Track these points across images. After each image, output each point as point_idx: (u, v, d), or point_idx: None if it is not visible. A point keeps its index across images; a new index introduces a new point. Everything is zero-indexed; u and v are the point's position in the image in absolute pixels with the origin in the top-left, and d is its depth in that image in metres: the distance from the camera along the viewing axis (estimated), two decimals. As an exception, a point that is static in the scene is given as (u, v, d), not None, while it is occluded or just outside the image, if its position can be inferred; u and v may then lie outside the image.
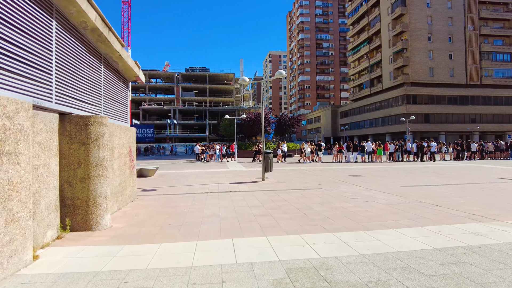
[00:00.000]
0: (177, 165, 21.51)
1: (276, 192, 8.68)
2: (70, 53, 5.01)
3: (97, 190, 5.01)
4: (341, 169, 16.34)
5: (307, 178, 12.26)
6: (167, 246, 4.11)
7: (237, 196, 8.18)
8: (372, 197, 7.76)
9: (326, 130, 77.09)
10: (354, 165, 19.67)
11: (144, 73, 57.72)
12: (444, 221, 5.18)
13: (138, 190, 9.37)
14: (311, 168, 17.07)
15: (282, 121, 42.26)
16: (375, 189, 9.13)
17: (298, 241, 4.21)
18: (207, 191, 9.15)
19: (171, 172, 16.11)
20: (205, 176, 13.41)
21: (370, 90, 62.22)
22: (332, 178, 12.14)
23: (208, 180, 12.06)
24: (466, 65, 51.87)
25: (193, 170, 17.08)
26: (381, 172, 14.82)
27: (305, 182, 10.94)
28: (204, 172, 15.47)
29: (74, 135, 4.91)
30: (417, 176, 12.80)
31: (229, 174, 14.48)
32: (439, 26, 51.02)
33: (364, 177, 12.49)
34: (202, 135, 65.88)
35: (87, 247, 4.12)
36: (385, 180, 11.47)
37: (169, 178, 12.89)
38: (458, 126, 50.93)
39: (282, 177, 12.65)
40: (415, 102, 49.82)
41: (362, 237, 4.35)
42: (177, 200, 7.74)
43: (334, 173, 14.41)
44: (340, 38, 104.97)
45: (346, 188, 9.40)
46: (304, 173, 14.53)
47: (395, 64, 53.23)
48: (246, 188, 9.57)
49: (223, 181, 11.51)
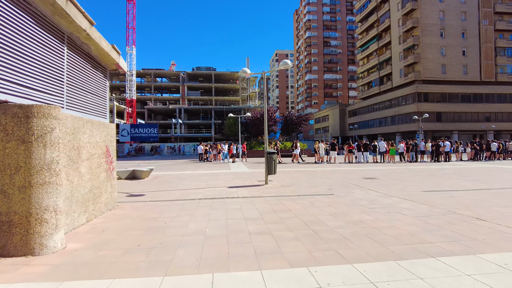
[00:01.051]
0: (177, 166, 20.39)
1: (279, 199, 7.43)
2: (8, 22, 3.83)
3: (43, 202, 3.83)
4: (353, 171, 15.01)
5: (315, 181, 10.98)
6: (118, 286, 2.90)
7: (234, 204, 6.96)
8: (394, 206, 6.46)
9: (334, 129, 75.46)
10: (366, 166, 18.31)
11: (149, 72, 57.17)
12: (503, 246, 3.87)
13: (122, 196, 8.22)
14: (320, 170, 15.77)
15: (288, 119, 40.87)
16: (396, 195, 7.82)
17: (305, 280, 2.96)
18: (200, 197, 7.95)
19: (168, 173, 14.96)
20: (203, 179, 12.22)
21: (379, 88, 60.48)
22: (343, 181, 10.84)
23: (205, 183, 10.87)
24: (480, 61, 49.85)
25: (193, 171, 15.91)
26: (397, 174, 13.45)
27: (313, 186, 9.67)
28: (203, 174, 14.28)
29: (11, 130, 3.73)
30: (439, 179, 11.42)
31: (229, 176, 13.27)
32: (451, 21, 49.11)
33: (379, 180, 11.17)
34: (207, 135, 64.88)
35: (8, 286, 2.93)
36: (404, 184, 10.14)
37: (163, 181, 11.72)
38: (472, 125, 48.99)
39: (288, 180, 11.38)
40: (426, 100, 48.04)
41: (397, 273, 3.08)
42: (162, 209, 6.54)
43: (345, 175, 13.10)
44: (348, 36, 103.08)
45: (361, 194, 8.11)
46: (312, 175, 13.25)
47: (405, 61, 51.47)
48: (245, 194, 8.34)
49: (221, 185, 10.29)
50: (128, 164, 22.30)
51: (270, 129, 37.20)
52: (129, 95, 62.73)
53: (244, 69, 10.46)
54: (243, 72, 10.45)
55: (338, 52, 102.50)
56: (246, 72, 10.47)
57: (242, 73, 10.45)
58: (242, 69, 10.49)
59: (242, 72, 10.45)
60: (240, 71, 10.48)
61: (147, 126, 51.60)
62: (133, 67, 62.67)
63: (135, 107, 63.52)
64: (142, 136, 50.21)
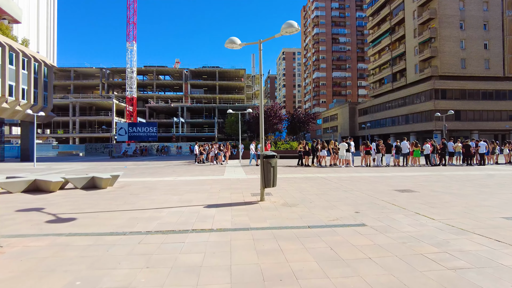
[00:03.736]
0: (164, 170, 17.43)
1: (277, 238, 4.37)
2: None
3: None
4: (377, 178, 11.85)
5: (332, 196, 7.87)
6: None
7: (195, 250, 3.90)
8: (492, 261, 3.39)
9: (343, 129, 72.01)
10: (389, 170, 15.12)
11: (151, 70, 54.76)
12: None
13: (41, 221, 5.27)
14: (334, 177, 12.64)
15: (295, 117, 37.57)
16: (468, 228, 4.72)
17: None
18: (151, 228, 4.93)
19: (143, 180, 11.96)
20: (181, 190, 9.20)
21: (392, 85, 56.89)
22: (372, 197, 7.73)
23: (178, 197, 7.85)
24: (503, 55, 45.99)
25: (175, 178, 12.84)
26: (436, 183, 10.28)
27: (331, 206, 6.57)
28: (186, 182, 11.26)
29: None
30: (503, 191, 8.25)
31: (217, 185, 10.22)
32: (472, 11, 45.37)
33: (419, 194, 8.03)
34: (210, 134, 62.09)
35: None
36: (459, 201, 7.01)
37: (125, 193, 8.72)
38: (494, 124, 45.21)
39: (293, 194, 8.27)
40: (444, 98, 44.45)
41: None
42: (60, 260, 3.56)
43: (369, 185, 9.96)
44: (357, 32, 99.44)
45: (409, 224, 5.03)
46: (325, 184, 10.14)
47: (421, 56, 47.88)
48: (225, 222, 5.30)
49: (199, 201, 7.27)
50: (114, 166, 19.48)
51: (275, 127, 34.08)
52: (129, 93, 60.23)
53: (232, 39, 7.43)
54: (230, 42, 7.42)
55: (347, 49, 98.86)
56: (235, 43, 7.44)
57: (229, 44, 7.42)
58: (230, 38, 7.46)
59: (230, 42, 7.42)
60: (227, 41, 7.46)
61: (146, 125, 48.91)
62: (134, 64, 60.21)
63: (135, 105, 60.99)
64: (141, 135, 47.54)
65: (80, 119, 61.79)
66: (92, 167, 19.88)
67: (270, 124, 33.28)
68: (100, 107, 65.02)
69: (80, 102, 61.86)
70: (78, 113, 61.44)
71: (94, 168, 19.09)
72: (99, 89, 72.79)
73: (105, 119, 61.99)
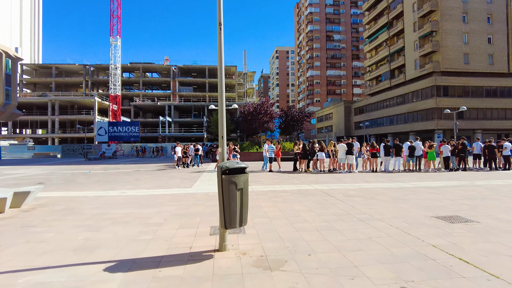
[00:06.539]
0: (124, 177, 14.13)
1: None
2: None
3: None
4: (396, 192, 8.74)
5: (344, 234, 4.72)
6: None
7: None
8: None
9: (338, 128, 69.15)
10: (403, 178, 12.05)
11: (137, 66, 50.72)
12: None
13: None
14: (338, 190, 9.50)
15: (289, 115, 34.36)
16: None
17: None
18: None
19: (75, 196, 8.64)
20: (106, 216, 5.96)
21: (390, 82, 54.16)
22: (410, 235, 4.59)
23: (86, 236, 4.65)
24: (508, 50, 43.46)
25: (123, 191, 9.52)
26: (489, 202, 7.22)
27: (347, 269, 3.43)
28: (130, 199, 8.03)
29: None
30: None
31: (171, 207, 6.99)
32: (475, 3, 42.77)
33: (484, 227, 4.94)
34: (199, 134, 58.69)
35: None
36: None
37: (17, 224, 5.49)
38: (499, 123, 42.65)
39: (279, 231, 5.06)
40: (446, 95, 41.72)
41: None
42: None
43: (393, 205, 6.83)
44: (352, 30, 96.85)
45: None
46: (329, 206, 6.98)
47: (421, 51, 45.18)
48: None
49: (111, 250, 4.09)
50: (73, 171, 15.87)
51: (265, 126, 30.86)
52: (113, 90, 56.60)
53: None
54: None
55: (342, 46, 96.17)
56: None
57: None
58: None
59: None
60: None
61: (128, 124, 45.38)
62: (118, 60, 56.56)
63: (119, 103, 57.33)
64: (122, 135, 44.03)
65: (59, 118, 57.86)
66: (49, 173, 16.53)
67: (261, 123, 30.03)
68: (82, 105, 61.22)
69: (60, 100, 57.96)
70: (57, 112, 57.49)
71: (52, 173, 15.81)
72: (83, 87, 68.97)
73: (87, 118, 58.23)
